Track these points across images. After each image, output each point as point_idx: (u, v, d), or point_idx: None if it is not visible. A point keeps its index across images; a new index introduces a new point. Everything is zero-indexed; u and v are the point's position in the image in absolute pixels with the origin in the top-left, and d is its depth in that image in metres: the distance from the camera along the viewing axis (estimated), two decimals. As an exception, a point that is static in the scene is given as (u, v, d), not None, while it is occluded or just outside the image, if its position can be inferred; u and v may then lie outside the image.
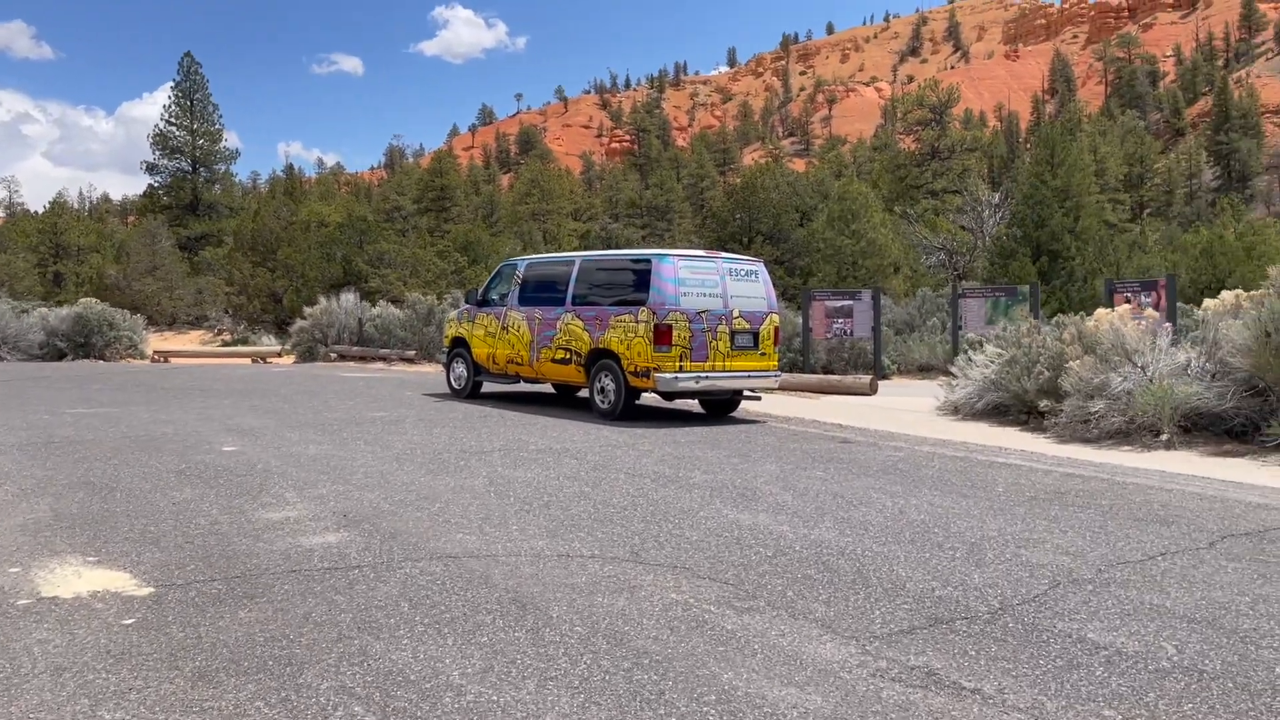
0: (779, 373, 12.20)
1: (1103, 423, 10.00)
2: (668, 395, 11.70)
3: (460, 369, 14.46)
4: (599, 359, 11.81)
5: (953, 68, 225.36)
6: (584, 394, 14.55)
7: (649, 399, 12.98)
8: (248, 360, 25.64)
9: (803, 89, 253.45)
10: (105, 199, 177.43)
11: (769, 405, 13.63)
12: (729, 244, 38.54)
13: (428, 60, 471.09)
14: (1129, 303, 16.77)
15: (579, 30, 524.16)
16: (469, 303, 14.47)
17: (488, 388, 15.14)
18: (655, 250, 11.64)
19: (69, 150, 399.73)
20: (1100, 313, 10.36)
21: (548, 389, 15.54)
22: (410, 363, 23.47)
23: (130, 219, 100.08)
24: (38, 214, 72.32)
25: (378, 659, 3.81)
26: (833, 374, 18.69)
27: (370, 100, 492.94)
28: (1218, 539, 5.91)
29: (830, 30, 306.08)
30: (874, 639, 4.09)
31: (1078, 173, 44.91)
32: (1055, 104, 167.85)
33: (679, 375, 11.11)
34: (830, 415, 12.61)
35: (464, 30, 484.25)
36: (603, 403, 11.77)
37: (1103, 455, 9.36)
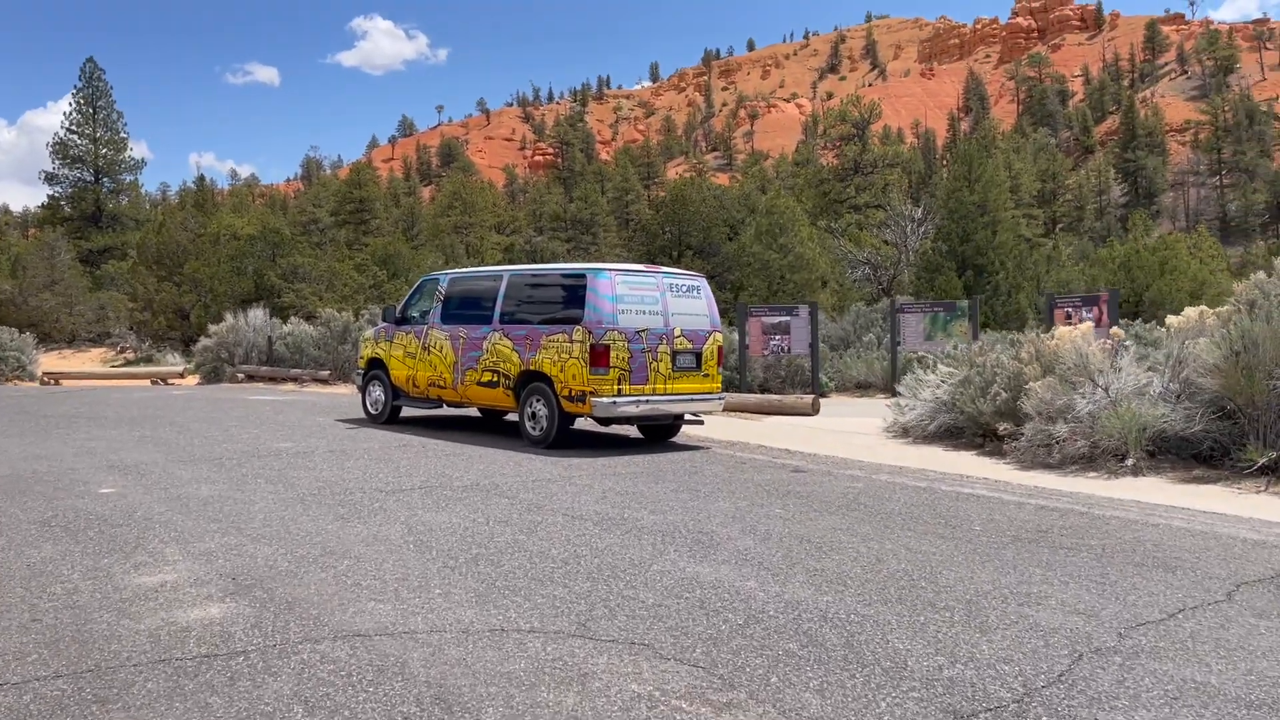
0: (723, 395, 11.44)
1: (1066, 447, 9.44)
2: (604, 421, 10.85)
3: (377, 392, 13.40)
4: (530, 382, 10.91)
5: (870, 85, 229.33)
6: (513, 418, 13.62)
7: (584, 423, 12.11)
8: (147, 382, 24.03)
9: (725, 104, 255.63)
10: (6, 211, 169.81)
11: (711, 428, 12.87)
12: (658, 258, 37.87)
13: (346, 71, 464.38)
14: (1070, 318, 16.47)
15: (501, 43, 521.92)
16: (387, 320, 13.42)
17: (408, 412, 14.10)
18: (591, 264, 10.81)
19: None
20: (1062, 331, 9.83)
21: (473, 412, 14.56)
22: (324, 384, 22.19)
23: (31, 231, 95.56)
24: (-73, 226, 68.42)
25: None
26: (770, 392, 18.05)
27: (287, 111, 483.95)
28: (1233, 588, 5.27)
29: (751, 47, 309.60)
30: (891, 750, 3.29)
31: (994, 188, 45.45)
32: (970, 121, 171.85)
33: (617, 399, 10.27)
34: (775, 439, 11.90)
35: (384, 41, 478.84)
36: (534, 430, 10.86)
37: (1070, 483, 8.79)
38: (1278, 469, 8.47)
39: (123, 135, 67.34)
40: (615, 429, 12.41)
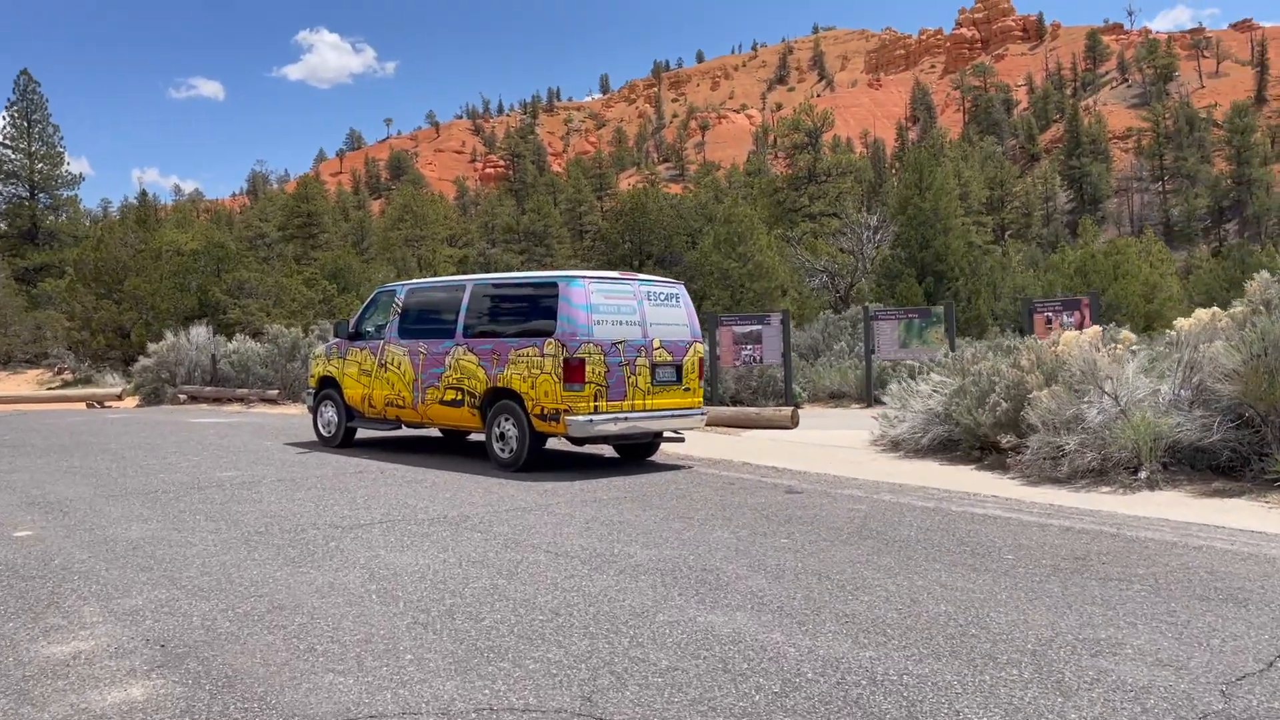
0: (704, 410, 10.69)
1: (1075, 460, 8.83)
2: (579, 441, 10.05)
3: (330, 413, 12.47)
4: (498, 400, 10.08)
5: (819, 96, 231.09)
6: (478, 438, 12.78)
7: (555, 442, 11.30)
8: (82, 405, 22.73)
9: (675, 115, 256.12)
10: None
11: (689, 444, 12.12)
12: (619, 268, 37.09)
13: (292, 85, 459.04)
14: (1050, 323, 16.00)
15: (450, 56, 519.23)
16: (339, 336, 12.50)
17: (363, 434, 13.19)
18: (563, 272, 10.01)
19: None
20: (1067, 336, 9.24)
21: (433, 432, 13.68)
22: (272, 404, 21.10)
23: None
24: None
25: None
26: (741, 404, 17.37)
27: (232, 125, 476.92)
28: (1322, 625, 4.63)
29: (700, 58, 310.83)
30: None
31: (944, 196, 45.48)
32: (918, 131, 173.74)
33: (594, 417, 9.47)
34: (760, 455, 11.18)
35: (330, 55, 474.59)
36: (503, 452, 10.02)
37: (1086, 499, 8.17)
38: (1307, 480, 7.92)
39: (59, 149, 65.25)
40: (589, 448, 11.62)
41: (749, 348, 17.24)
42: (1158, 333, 19.52)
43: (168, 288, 34.76)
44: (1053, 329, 15.59)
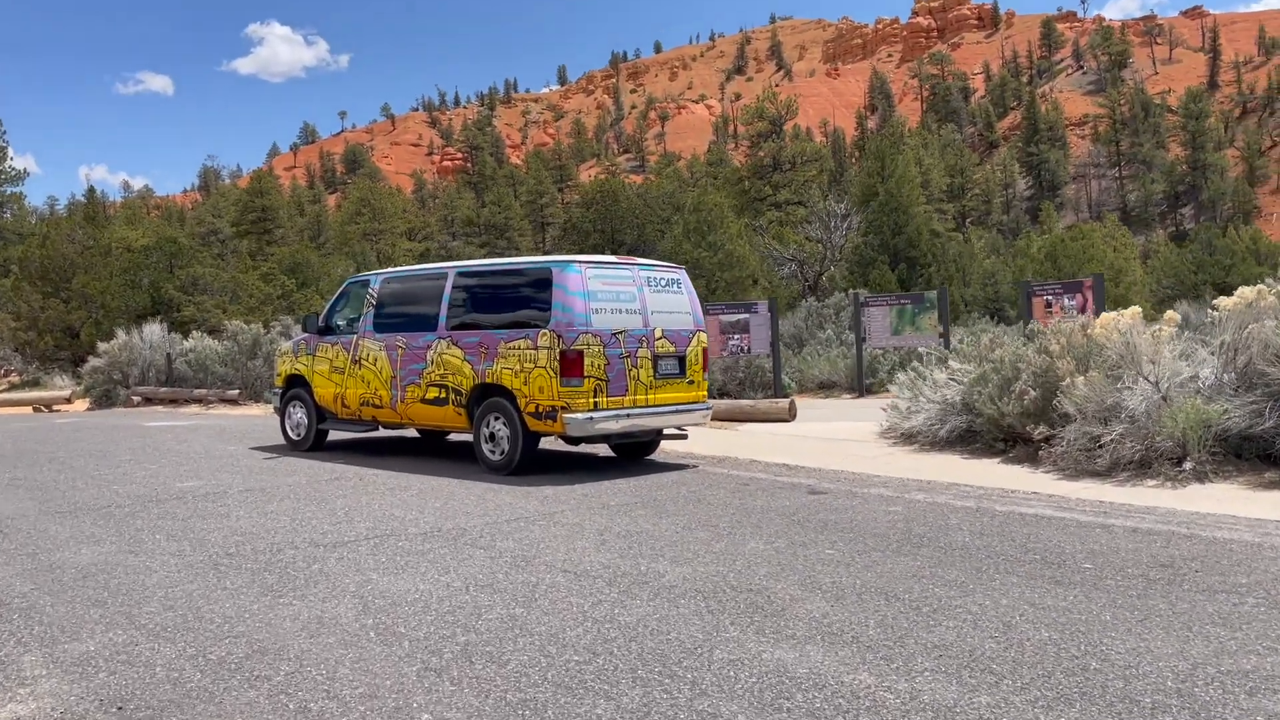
0: (709, 404, 9.93)
1: (1116, 451, 8.19)
2: (576, 440, 9.26)
3: (299, 415, 11.55)
4: (487, 397, 9.24)
5: (778, 85, 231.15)
6: (458, 437, 11.95)
7: (545, 440, 10.48)
8: (29, 409, 21.49)
9: (634, 106, 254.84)
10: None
11: (689, 440, 11.35)
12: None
13: (243, 79, 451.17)
14: (1050, 307, 15.46)
15: (404, 48, 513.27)
16: (308, 331, 11.57)
17: (335, 435, 12.30)
18: (556, 257, 9.18)
19: None
20: (1106, 317, 8.60)
21: (409, 432, 12.82)
22: (233, 404, 20.05)
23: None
24: None
25: None
26: (728, 395, 16.66)
27: (182, 121, 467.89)
28: None
29: (658, 49, 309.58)
30: None
31: (907, 184, 45.17)
32: (877, 119, 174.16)
33: (594, 415, 8.67)
34: (765, 451, 10.46)
35: (281, 48, 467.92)
36: (493, 454, 9.19)
37: (1136, 495, 7.53)
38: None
39: (2, 144, 63.03)
40: (584, 446, 10.82)
41: (736, 337, 16.53)
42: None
43: (118, 285, 33.39)
44: (1053, 313, 15.05)
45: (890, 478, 8.61)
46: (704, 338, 9.79)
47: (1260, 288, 8.36)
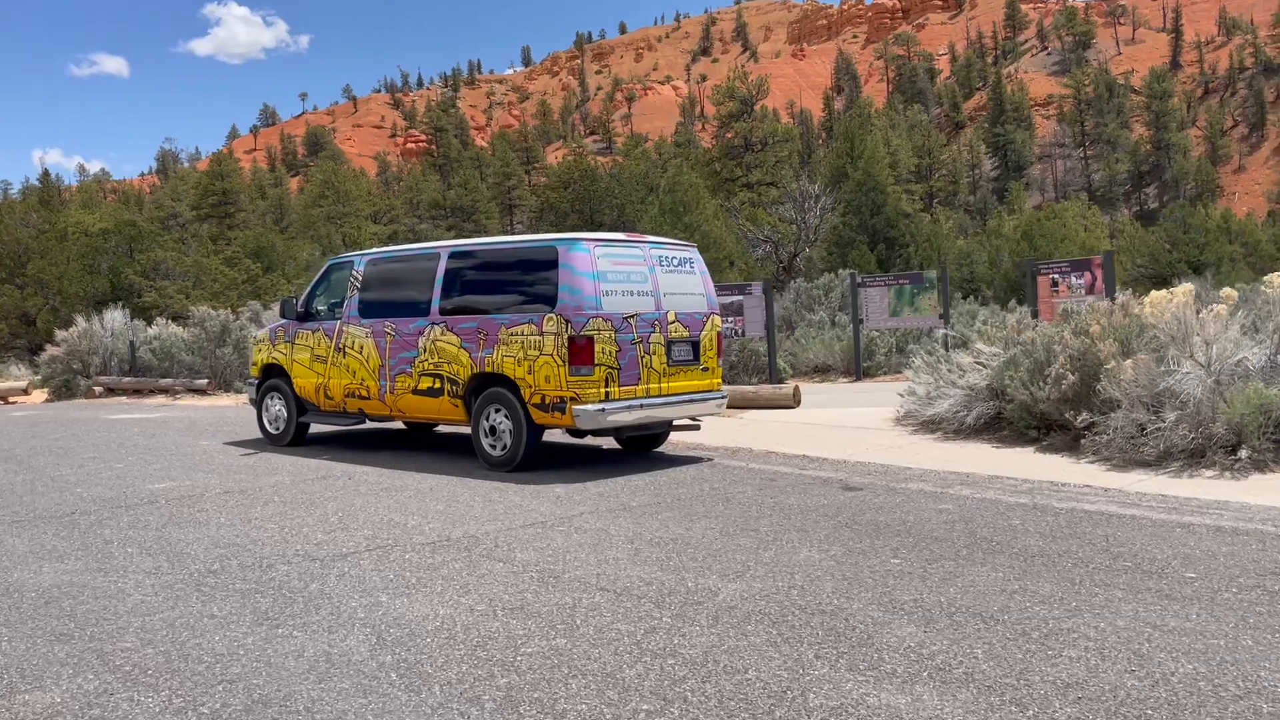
0: (724, 392, 9.27)
1: (1167, 438, 7.65)
2: (582, 433, 8.56)
3: (277, 407, 10.76)
4: (486, 387, 8.53)
5: (744, 66, 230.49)
6: (447, 429, 11.23)
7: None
8: (-16, 401, 20.41)
9: (600, 88, 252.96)
10: None
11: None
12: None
13: (200, 60, 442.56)
14: (1056, 285, 14.95)
15: (365, 28, 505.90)
16: (286, 316, 10.77)
17: (316, 428, 11.53)
18: (562, 235, 8.46)
19: None
20: (1156, 295, 8.04)
21: (396, 424, 12.06)
22: (201, 394, 19.12)
23: None
24: None
25: None
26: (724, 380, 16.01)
27: (138, 103, 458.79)
28: None
29: (623, 30, 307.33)
30: None
31: (876, 164, 44.74)
32: (844, 100, 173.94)
33: (606, 406, 7.98)
34: (779, 441, 9.83)
35: (240, 29, 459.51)
36: (494, 449, 8.49)
37: (1198, 487, 6.98)
38: None
39: (-50, 125, 60.88)
40: (588, 438, 10.13)
41: (729, 320, 15.86)
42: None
43: (76, 270, 32.17)
44: (1059, 292, 14.56)
45: (925, 470, 8.01)
46: (718, 321, 9.12)
47: (1318, 263, 7.81)
